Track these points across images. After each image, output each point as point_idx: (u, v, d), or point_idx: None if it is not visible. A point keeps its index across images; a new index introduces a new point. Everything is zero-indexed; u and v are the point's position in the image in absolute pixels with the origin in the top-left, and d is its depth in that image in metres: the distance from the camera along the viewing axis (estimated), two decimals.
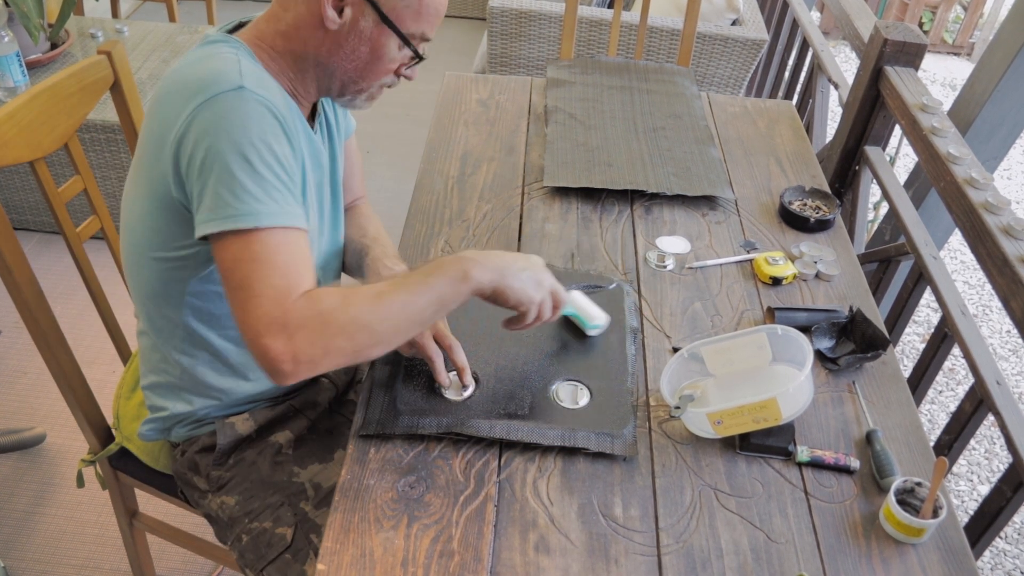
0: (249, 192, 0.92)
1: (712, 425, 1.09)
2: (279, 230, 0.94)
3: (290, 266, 0.94)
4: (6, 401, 2.12)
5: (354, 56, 1.05)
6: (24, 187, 2.55)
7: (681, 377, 1.18)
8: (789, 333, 1.15)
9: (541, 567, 0.97)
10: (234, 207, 0.92)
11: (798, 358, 1.14)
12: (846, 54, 4.73)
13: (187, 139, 0.94)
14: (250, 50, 1.04)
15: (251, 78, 0.97)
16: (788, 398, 1.07)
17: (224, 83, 0.94)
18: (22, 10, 2.23)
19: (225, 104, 0.93)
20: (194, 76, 0.96)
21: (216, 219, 0.93)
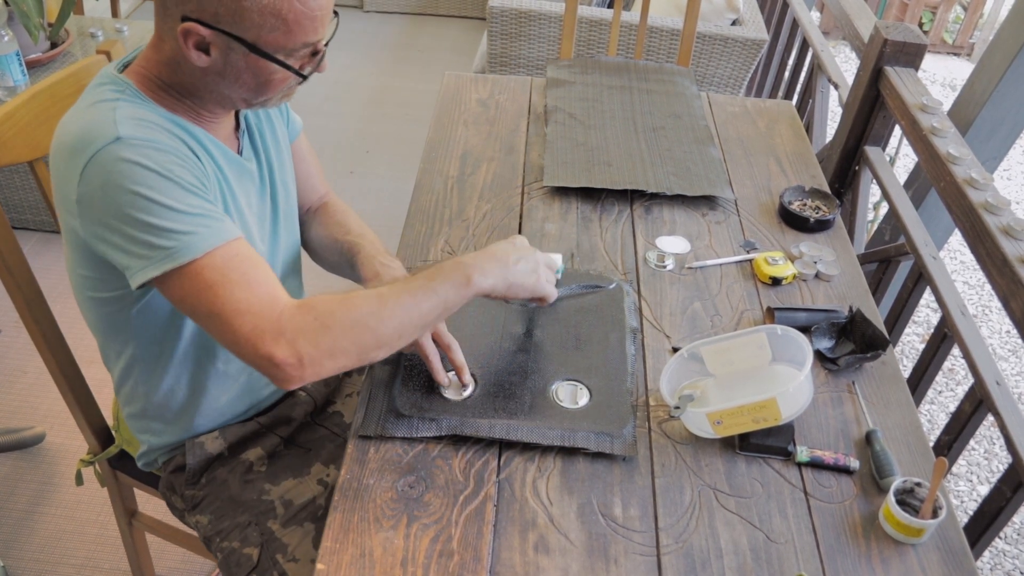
0: (170, 230, 0.92)
1: (712, 425, 1.09)
2: (218, 250, 0.94)
3: (249, 274, 0.95)
4: (6, 400, 2.12)
5: (239, 83, 1.00)
6: (23, 186, 2.55)
7: (681, 377, 1.18)
8: (789, 333, 1.15)
9: (541, 567, 0.97)
10: (165, 247, 0.92)
11: (798, 358, 1.14)
12: (846, 54, 4.73)
13: (85, 202, 0.93)
14: (136, 88, 1.00)
15: (128, 125, 0.94)
16: (788, 398, 1.07)
17: (100, 138, 0.92)
18: (22, 9, 2.23)
19: (108, 159, 0.91)
20: (74, 134, 0.94)
21: (151, 265, 0.93)
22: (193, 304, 0.94)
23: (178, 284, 0.94)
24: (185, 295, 0.94)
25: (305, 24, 0.96)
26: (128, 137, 0.93)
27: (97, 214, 0.93)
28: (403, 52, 4.00)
